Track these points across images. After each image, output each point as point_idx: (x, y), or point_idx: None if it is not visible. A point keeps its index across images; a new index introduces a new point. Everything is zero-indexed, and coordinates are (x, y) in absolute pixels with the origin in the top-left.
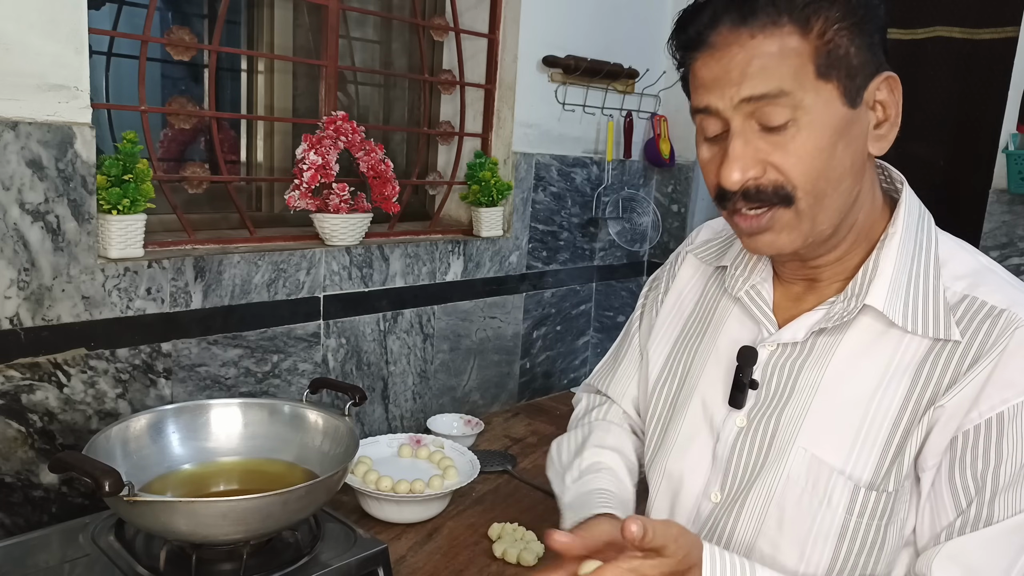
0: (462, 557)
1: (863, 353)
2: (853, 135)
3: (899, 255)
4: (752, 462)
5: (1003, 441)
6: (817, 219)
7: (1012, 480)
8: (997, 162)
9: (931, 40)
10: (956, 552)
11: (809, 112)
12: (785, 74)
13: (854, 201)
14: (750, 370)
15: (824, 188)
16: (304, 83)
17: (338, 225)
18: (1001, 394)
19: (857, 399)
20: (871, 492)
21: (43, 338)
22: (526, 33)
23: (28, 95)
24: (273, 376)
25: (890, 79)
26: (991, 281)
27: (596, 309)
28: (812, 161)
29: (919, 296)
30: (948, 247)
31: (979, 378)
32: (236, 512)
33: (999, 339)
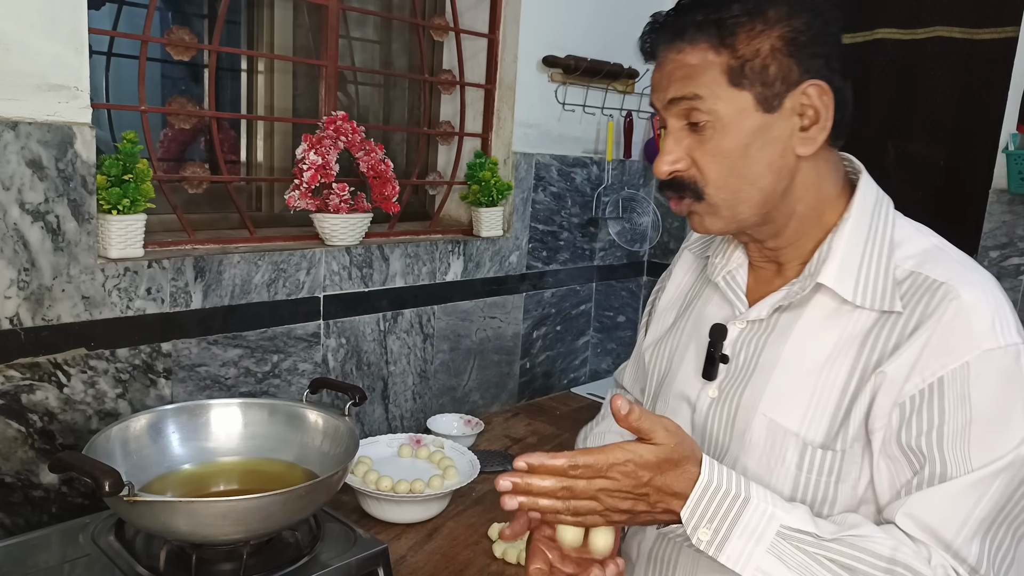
0: (462, 557)
1: (819, 327)
2: (770, 138)
3: (852, 238)
4: (723, 429)
5: (944, 402)
6: (737, 210)
7: (956, 439)
8: (997, 162)
9: (931, 40)
10: (913, 510)
11: (723, 117)
12: (701, 82)
13: (782, 195)
14: (721, 345)
15: (738, 184)
16: (304, 83)
17: (338, 225)
18: (941, 360)
19: (811, 369)
20: (818, 451)
21: (43, 338)
22: (526, 33)
23: (28, 95)
24: (273, 376)
25: (816, 86)
26: (938, 259)
27: (596, 309)
28: (724, 160)
29: (870, 274)
30: (904, 231)
31: (917, 345)
32: (236, 512)
33: (936, 309)
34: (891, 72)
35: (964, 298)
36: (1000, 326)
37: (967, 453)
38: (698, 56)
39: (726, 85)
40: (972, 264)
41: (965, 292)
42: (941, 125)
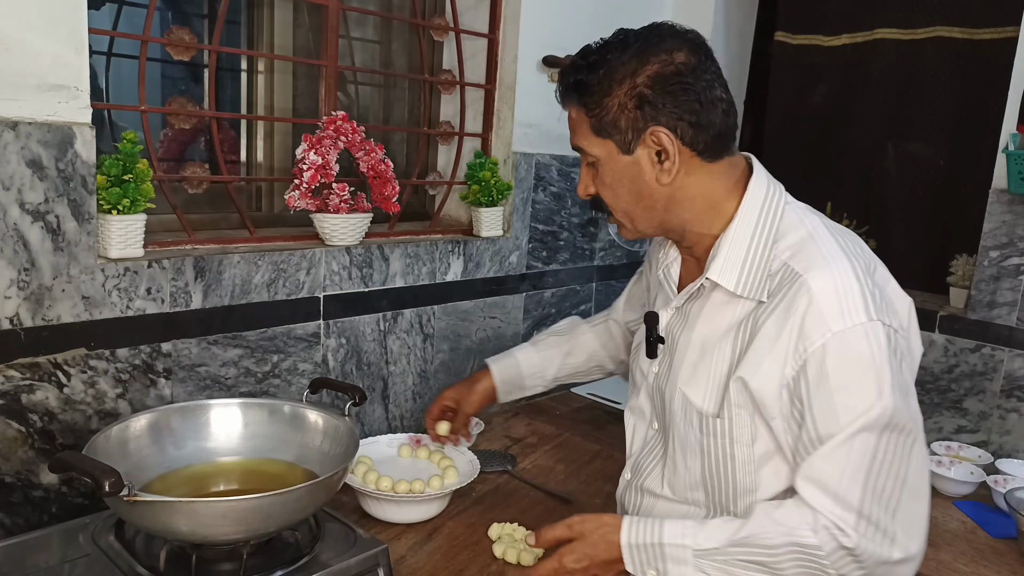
0: (462, 557)
1: (714, 314)
2: (635, 173)
3: (737, 237)
4: (660, 400)
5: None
6: (635, 224)
7: (824, 408)
8: (997, 162)
9: (931, 40)
10: (805, 473)
11: (600, 159)
12: (580, 134)
13: (665, 210)
14: (655, 329)
15: (627, 208)
16: (304, 83)
17: (338, 225)
18: (803, 344)
19: (707, 349)
20: (713, 419)
21: (43, 338)
22: (526, 33)
23: (28, 95)
24: (273, 376)
25: (656, 131)
26: (805, 249)
27: (596, 309)
28: (609, 190)
29: (754, 266)
30: (789, 222)
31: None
32: (236, 512)
33: (794, 300)
34: (891, 72)
35: (814, 288)
36: (846, 309)
37: (836, 417)
38: (575, 113)
39: (594, 136)
40: (834, 252)
41: (815, 282)
42: (941, 125)
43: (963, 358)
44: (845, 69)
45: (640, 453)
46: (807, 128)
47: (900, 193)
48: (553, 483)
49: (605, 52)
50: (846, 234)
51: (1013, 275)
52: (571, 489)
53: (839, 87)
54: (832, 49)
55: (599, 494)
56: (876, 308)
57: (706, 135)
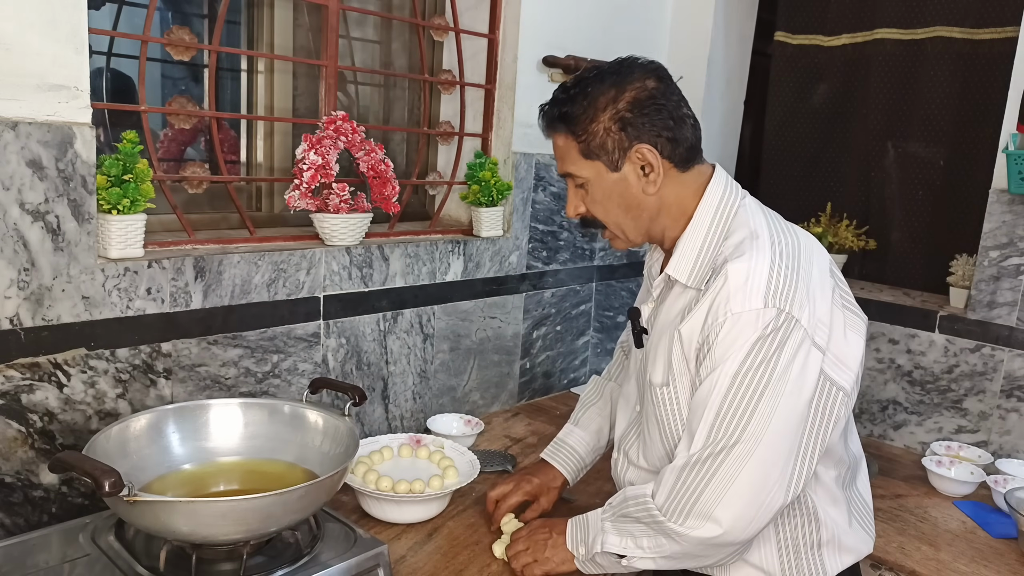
0: (462, 557)
1: (673, 303)
2: (624, 187)
3: (692, 235)
4: (643, 383)
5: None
6: (628, 235)
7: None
8: (997, 162)
9: (931, 40)
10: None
11: (589, 180)
12: (569, 159)
13: (652, 219)
14: (638, 322)
15: (619, 222)
16: (304, 83)
17: (338, 225)
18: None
19: (663, 333)
20: (659, 388)
21: (43, 338)
22: (526, 33)
23: (28, 95)
24: (273, 376)
25: (640, 148)
26: (743, 247)
27: (596, 309)
28: (600, 207)
29: (704, 262)
30: (740, 220)
31: (700, 311)
32: (236, 512)
33: (714, 285)
34: (891, 72)
35: (729, 272)
36: (748, 296)
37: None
38: (562, 140)
39: (583, 159)
40: (762, 247)
41: (732, 267)
42: (941, 125)
43: (963, 358)
44: (845, 69)
45: (625, 433)
46: (807, 128)
47: (900, 193)
48: None
49: (584, 86)
50: (790, 232)
51: (1013, 275)
52: (571, 489)
53: (839, 87)
54: (832, 49)
55: (599, 494)
56: (778, 297)
57: (680, 148)
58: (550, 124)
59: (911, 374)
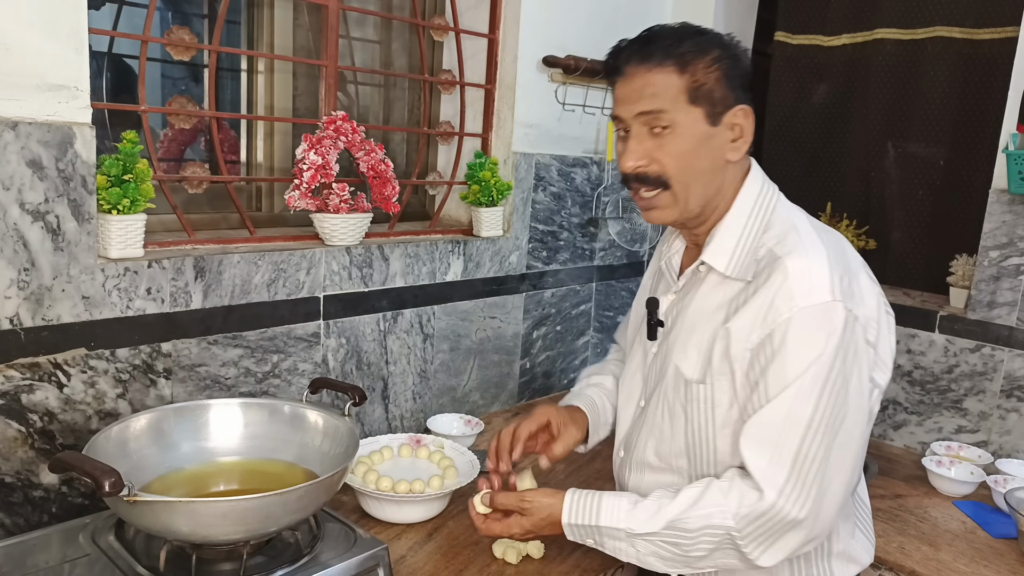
0: (462, 557)
1: (708, 294)
2: (713, 145)
3: (731, 225)
4: (656, 377)
5: (772, 349)
6: (688, 201)
7: (776, 374)
8: (997, 162)
9: (931, 40)
10: (749, 430)
11: (681, 126)
12: (666, 98)
13: (716, 191)
14: (655, 314)
15: (689, 180)
16: (304, 83)
17: (338, 225)
18: (772, 317)
19: (698, 326)
20: (695, 385)
21: (43, 338)
22: (526, 33)
23: (28, 95)
24: (273, 376)
25: (744, 110)
26: (789, 238)
27: (596, 309)
28: (680, 160)
29: (743, 252)
30: (778, 215)
31: (754, 306)
32: (236, 512)
33: (770, 278)
34: (891, 72)
35: (789, 268)
36: (815, 289)
37: (784, 381)
38: (663, 77)
39: (685, 102)
40: (814, 242)
41: (791, 262)
42: (941, 125)
43: (963, 358)
44: (845, 69)
45: (630, 429)
46: (807, 128)
47: (900, 193)
48: (553, 483)
49: (692, 30)
50: (828, 232)
51: (1013, 275)
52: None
53: (839, 87)
54: (832, 49)
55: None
56: (841, 292)
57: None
58: (648, 56)
59: (911, 374)
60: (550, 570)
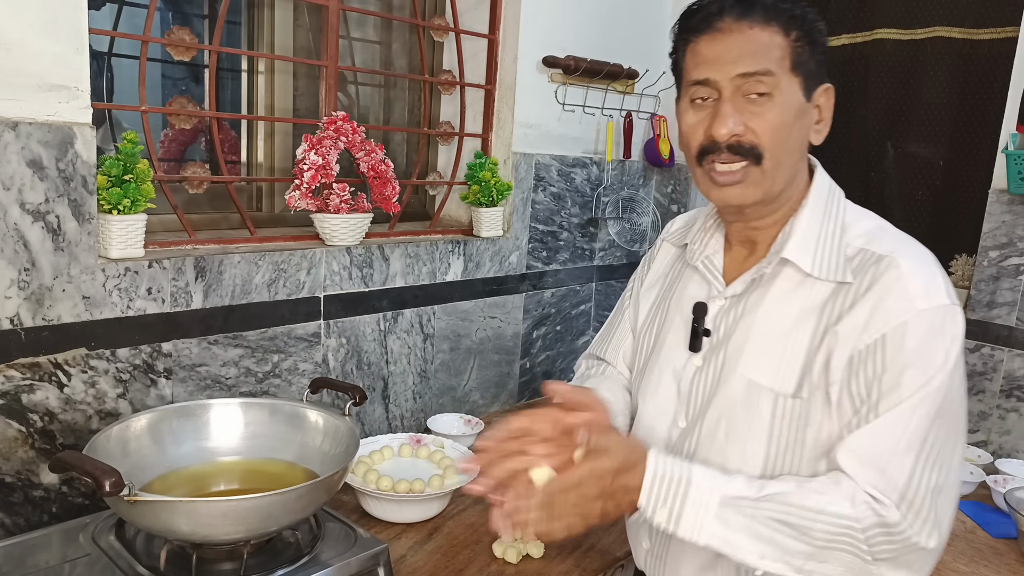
0: (462, 557)
1: (785, 298)
2: (804, 122)
3: (810, 220)
4: (706, 392)
5: (886, 354)
6: (775, 179)
7: (892, 383)
8: (997, 162)
9: (931, 40)
10: (853, 445)
11: (783, 93)
12: (772, 59)
13: (794, 176)
14: (703, 320)
15: (781, 156)
16: (304, 83)
17: (338, 225)
18: (884, 319)
19: (780, 333)
20: (788, 399)
21: (43, 338)
22: (526, 33)
23: (28, 95)
24: (273, 376)
25: (829, 89)
26: (882, 237)
27: (596, 309)
28: (778, 131)
29: (826, 250)
30: (854, 214)
31: (866, 308)
32: (236, 512)
33: (880, 278)
34: (891, 72)
35: (902, 267)
36: (932, 290)
37: (899, 393)
38: (769, 37)
39: (788, 68)
40: (910, 240)
41: (903, 262)
42: (941, 125)
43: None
44: (845, 69)
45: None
46: None
47: (900, 193)
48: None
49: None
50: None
51: (1013, 275)
52: None
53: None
54: (832, 49)
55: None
56: (953, 294)
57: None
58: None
59: None
60: (550, 570)
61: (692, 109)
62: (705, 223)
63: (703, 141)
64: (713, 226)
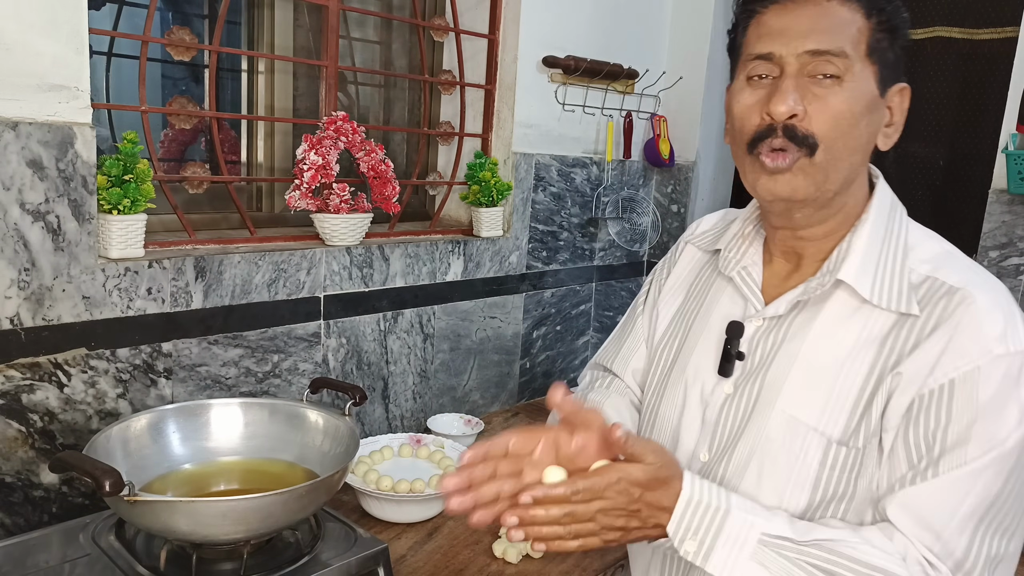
0: (462, 557)
1: (837, 325)
2: (874, 118)
3: (870, 238)
4: (736, 424)
5: (953, 403)
6: (829, 176)
7: (960, 437)
8: (997, 162)
9: (931, 40)
10: (908, 502)
11: (855, 78)
12: (847, 39)
13: (853, 181)
14: (737, 342)
15: (840, 150)
16: (304, 83)
17: (338, 225)
18: (954, 363)
19: (830, 366)
20: (841, 447)
21: (43, 338)
22: (526, 33)
23: (28, 95)
24: (273, 376)
25: (904, 89)
26: (951, 264)
27: (596, 309)
28: (840, 120)
29: (887, 275)
30: (917, 235)
31: (934, 348)
32: (236, 512)
33: (953, 314)
34: None
35: (979, 303)
36: (1011, 333)
37: (965, 449)
38: (848, 14)
39: (864, 52)
40: (982, 270)
41: (979, 297)
42: (941, 125)
43: None
44: None
45: None
46: None
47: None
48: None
49: None
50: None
51: (1013, 275)
52: None
53: None
54: None
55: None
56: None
57: None
58: None
59: None
60: (550, 570)
61: (749, 88)
62: (744, 228)
63: (759, 123)
64: (753, 232)
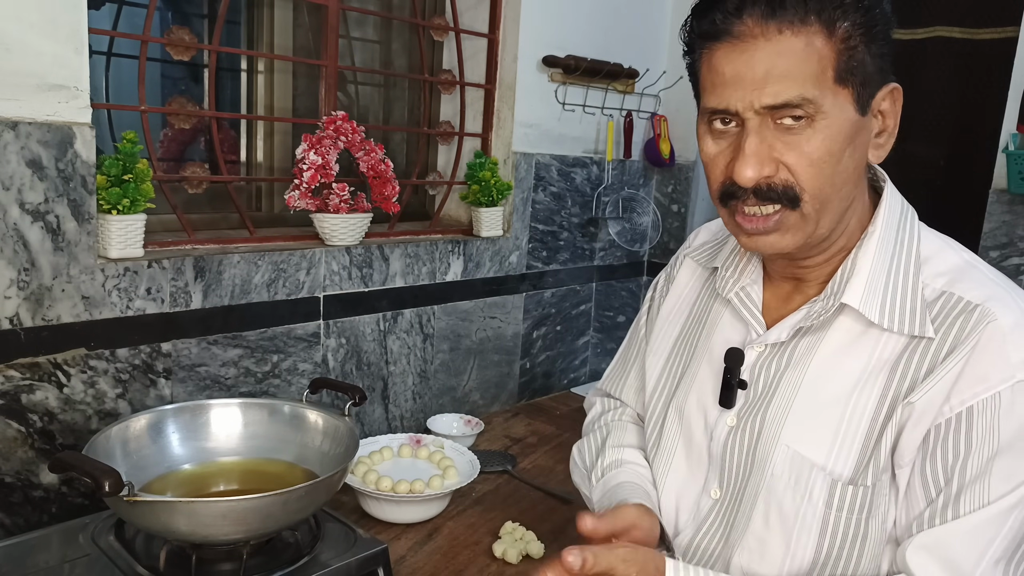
0: (462, 557)
1: (843, 351)
2: (859, 142)
3: (877, 254)
4: (743, 459)
5: (972, 433)
6: (820, 222)
7: (981, 471)
8: (997, 162)
9: (931, 40)
10: (930, 543)
11: (826, 116)
12: (808, 77)
13: (849, 206)
14: (738, 371)
15: (829, 193)
16: (304, 83)
17: (338, 225)
18: (972, 388)
19: (837, 397)
20: (849, 487)
21: (43, 338)
22: (526, 33)
23: (28, 95)
24: (273, 376)
25: (895, 90)
26: (971, 277)
27: (596, 309)
28: (822, 165)
29: (897, 294)
30: (932, 245)
31: (951, 373)
32: (236, 512)
33: (971, 334)
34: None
35: (1001, 321)
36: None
37: (987, 485)
38: (803, 41)
39: (832, 81)
40: (1007, 282)
41: (1003, 314)
42: (941, 125)
43: None
44: None
45: (694, 534)
46: None
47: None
48: (553, 483)
49: None
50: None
51: (1013, 275)
52: (571, 489)
53: None
54: None
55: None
56: None
57: None
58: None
59: None
60: None
61: (710, 136)
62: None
63: (723, 180)
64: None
